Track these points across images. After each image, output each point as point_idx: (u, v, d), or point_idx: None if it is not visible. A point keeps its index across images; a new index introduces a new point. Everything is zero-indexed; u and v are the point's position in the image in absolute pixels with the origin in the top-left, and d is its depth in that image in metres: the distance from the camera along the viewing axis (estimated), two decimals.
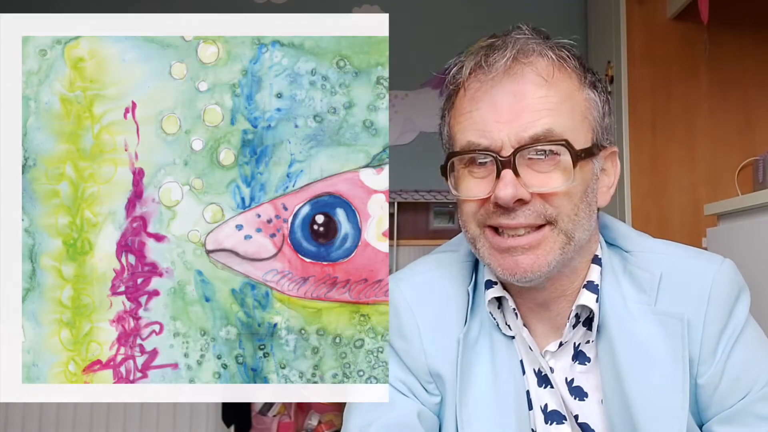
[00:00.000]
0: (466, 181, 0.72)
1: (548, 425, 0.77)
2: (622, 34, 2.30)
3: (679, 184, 2.25)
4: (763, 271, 1.35)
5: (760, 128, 2.27)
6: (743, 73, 2.28)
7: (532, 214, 0.69)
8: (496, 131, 0.69)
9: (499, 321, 0.78)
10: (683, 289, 0.74)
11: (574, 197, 0.70)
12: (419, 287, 0.80)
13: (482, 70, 0.71)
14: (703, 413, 0.74)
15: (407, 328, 0.78)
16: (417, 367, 0.77)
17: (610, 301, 0.75)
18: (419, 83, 2.83)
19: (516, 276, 0.70)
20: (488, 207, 0.70)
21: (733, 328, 0.73)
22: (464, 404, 0.75)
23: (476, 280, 0.80)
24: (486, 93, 0.70)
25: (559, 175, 0.69)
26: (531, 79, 0.69)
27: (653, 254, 0.77)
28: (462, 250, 0.83)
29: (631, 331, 0.73)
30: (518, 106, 0.69)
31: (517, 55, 0.70)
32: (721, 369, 0.72)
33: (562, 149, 0.69)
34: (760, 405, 0.72)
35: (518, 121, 0.68)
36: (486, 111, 0.70)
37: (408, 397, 0.77)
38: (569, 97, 0.71)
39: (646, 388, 0.71)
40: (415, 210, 2.83)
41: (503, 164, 0.68)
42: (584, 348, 0.77)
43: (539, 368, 0.77)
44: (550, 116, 0.69)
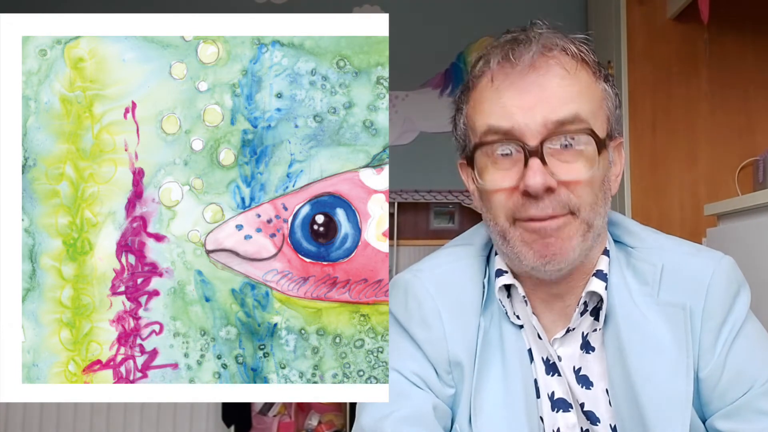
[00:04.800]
0: (490, 173, 0.73)
1: (555, 413, 0.78)
2: (622, 34, 2.30)
3: (680, 184, 2.25)
4: (763, 271, 1.35)
5: (760, 128, 2.27)
6: (743, 73, 2.28)
7: (559, 204, 0.70)
8: (520, 115, 0.70)
9: (507, 309, 0.79)
10: (683, 283, 0.75)
11: (595, 186, 0.72)
12: (439, 277, 0.81)
13: (509, 62, 0.72)
14: (705, 408, 0.75)
15: (430, 315, 0.79)
16: (438, 355, 0.78)
17: (617, 291, 0.76)
18: (419, 83, 2.83)
19: (546, 259, 0.72)
20: (516, 198, 0.71)
21: (733, 323, 0.74)
22: (479, 392, 0.76)
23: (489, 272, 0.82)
24: (512, 84, 0.72)
25: (583, 164, 0.71)
26: (556, 71, 0.72)
27: (655, 249, 0.78)
28: (476, 244, 0.84)
29: (636, 320, 0.74)
30: (544, 95, 0.71)
31: (542, 49, 0.72)
32: (721, 364, 0.73)
33: (587, 138, 0.71)
34: (761, 401, 0.72)
35: (545, 107, 0.70)
36: (511, 98, 0.71)
37: (423, 390, 0.78)
38: (589, 88, 0.73)
39: (651, 376, 0.72)
40: (415, 210, 2.83)
41: (531, 153, 0.69)
42: (590, 337, 0.78)
43: (547, 356, 0.78)
44: (576, 102, 0.71)
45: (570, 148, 0.71)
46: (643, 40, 2.30)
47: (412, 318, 0.80)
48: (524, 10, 2.78)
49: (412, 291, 0.81)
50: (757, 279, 1.36)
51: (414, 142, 2.82)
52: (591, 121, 0.71)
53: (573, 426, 0.77)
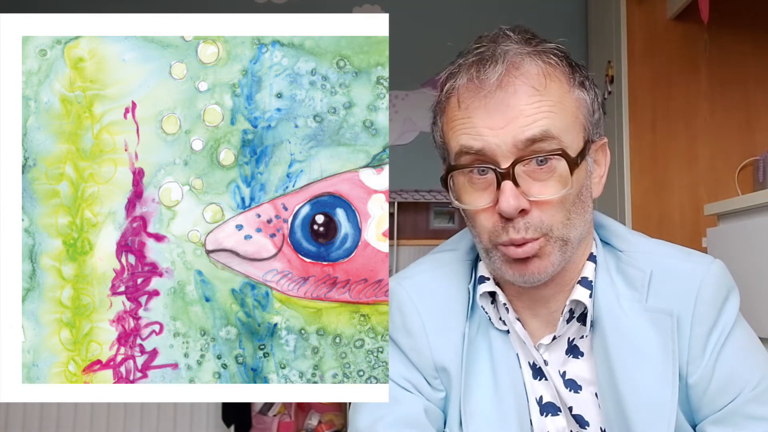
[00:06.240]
0: (468, 193, 0.73)
1: (544, 417, 0.78)
2: (622, 34, 2.30)
3: (680, 184, 2.25)
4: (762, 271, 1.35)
5: (760, 128, 2.27)
6: (743, 73, 2.28)
7: (532, 227, 0.70)
8: (491, 136, 0.70)
9: (492, 315, 0.79)
10: (672, 288, 0.75)
11: (567, 203, 0.72)
12: (422, 285, 0.82)
13: (473, 84, 0.71)
14: (695, 414, 0.75)
15: (412, 324, 0.80)
16: (423, 362, 0.79)
17: (603, 298, 0.76)
18: (419, 83, 2.83)
19: (526, 277, 0.73)
20: (495, 219, 0.72)
21: (722, 328, 0.74)
22: (468, 398, 0.77)
23: (475, 277, 0.82)
24: (480, 105, 0.71)
25: (555, 182, 0.70)
26: (524, 90, 0.70)
27: (644, 254, 0.78)
28: (461, 249, 0.85)
29: (623, 327, 0.74)
30: (512, 114, 0.70)
31: (509, 67, 0.70)
32: (711, 369, 0.73)
33: (558, 158, 0.70)
34: (751, 406, 0.72)
35: (513, 126, 0.69)
36: (479, 118, 0.71)
37: (414, 393, 0.78)
38: (560, 101, 0.72)
39: (636, 382, 0.73)
40: (415, 210, 2.83)
41: (503, 176, 0.69)
42: (578, 342, 0.78)
43: (533, 361, 0.79)
44: (546, 119, 0.70)
45: (542, 167, 0.70)
46: (643, 40, 2.30)
47: (395, 326, 0.80)
48: (524, 10, 2.78)
49: (395, 299, 0.81)
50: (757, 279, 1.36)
51: (414, 142, 2.82)
52: (563, 136, 0.70)
53: (562, 429, 0.78)
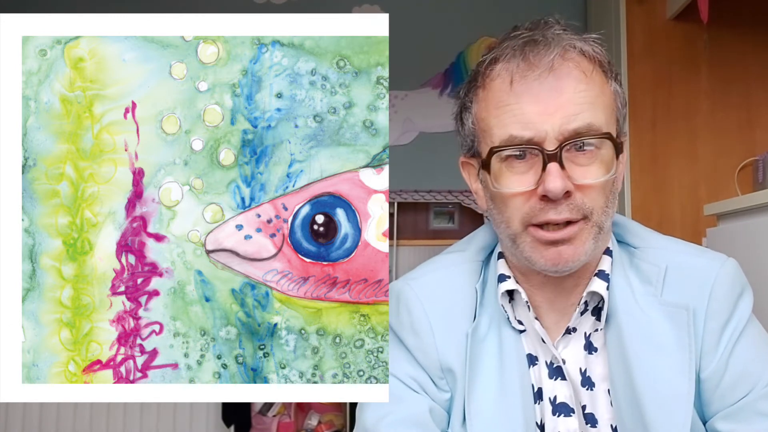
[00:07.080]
0: (506, 177, 0.73)
1: (556, 417, 0.78)
2: (622, 33, 2.30)
3: (680, 183, 2.25)
4: (763, 271, 1.35)
5: (760, 128, 2.27)
6: (743, 72, 2.28)
7: (575, 208, 0.71)
8: (540, 123, 0.70)
9: (510, 315, 0.79)
10: (687, 283, 0.75)
11: (607, 189, 0.73)
12: (430, 285, 0.82)
13: (528, 65, 0.71)
14: (705, 409, 0.75)
15: (420, 325, 0.80)
16: (429, 362, 0.79)
17: (619, 291, 0.76)
18: (419, 83, 2.82)
19: (558, 266, 0.72)
20: (533, 202, 0.71)
21: (735, 324, 0.74)
22: (472, 397, 0.76)
23: (484, 277, 0.82)
24: (529, 87, 0.71)
25: (597, 167, 0.71)
26: (574, 75, 0.71)
27: (659, 249, 0.79)
28: (470, 250, 0.85)
29: (639, 320, 0.74)
30: (560, 100, 0.70)
31: (561, 51, 0.72)
32: (723, 365, 0.73)
33: (605, 142, 0.71)
34: (763, 402, 0.72)
35: (562, 114, 0.70)
36: (529, 104, 0.71)
37: (419, 393, 0.78)
38: (602, 92, 0.73)
39: (653, 375, 0.72)
40: (415, 210, 2.83)
41: (549, 157, 0.69)
42: (592, 337, 0.78)
43: (551, 360, 0.78)
44: (590, 110, 0.71)
45: (586, 151, 0.71)
46: (643, 39, 2.30)
47: (403, 326, 0.81)
48: (524, 10, 2.78)
49: (403, 299, 0.82)
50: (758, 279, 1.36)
51: (414, 142, 2.82)
52: (604, 127, 0.72)
53: (573, 431, 0.77)
